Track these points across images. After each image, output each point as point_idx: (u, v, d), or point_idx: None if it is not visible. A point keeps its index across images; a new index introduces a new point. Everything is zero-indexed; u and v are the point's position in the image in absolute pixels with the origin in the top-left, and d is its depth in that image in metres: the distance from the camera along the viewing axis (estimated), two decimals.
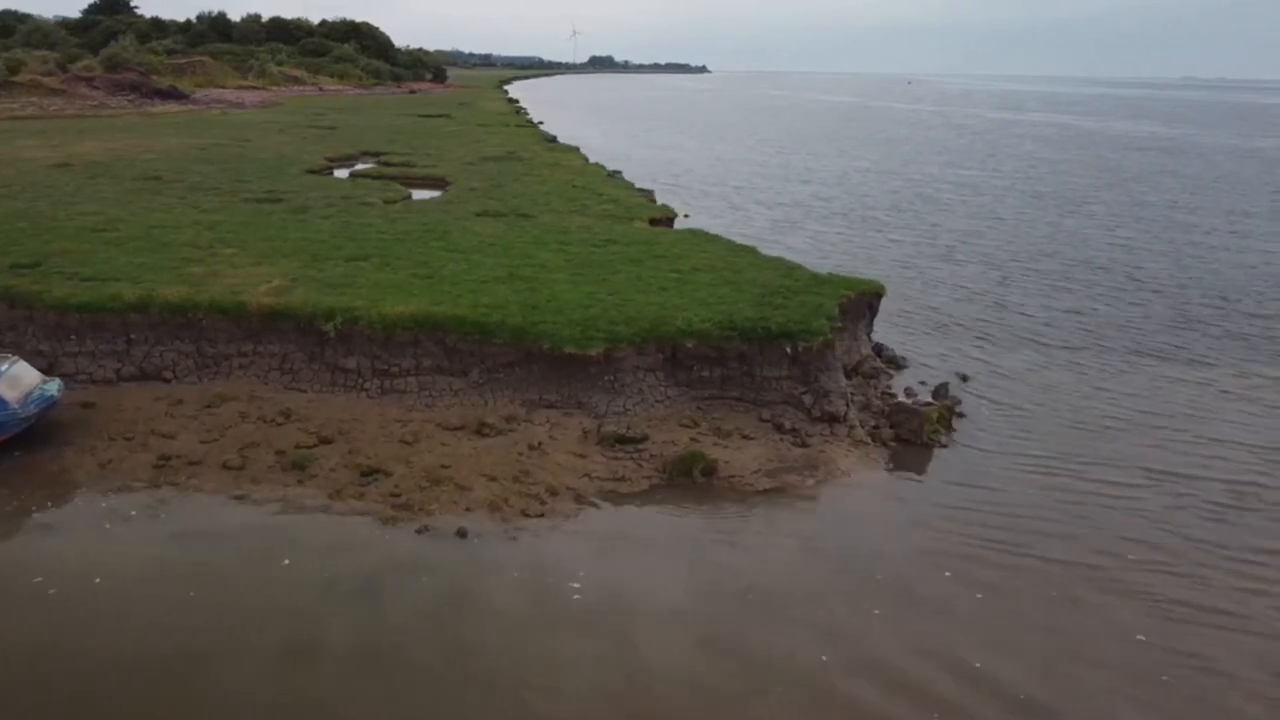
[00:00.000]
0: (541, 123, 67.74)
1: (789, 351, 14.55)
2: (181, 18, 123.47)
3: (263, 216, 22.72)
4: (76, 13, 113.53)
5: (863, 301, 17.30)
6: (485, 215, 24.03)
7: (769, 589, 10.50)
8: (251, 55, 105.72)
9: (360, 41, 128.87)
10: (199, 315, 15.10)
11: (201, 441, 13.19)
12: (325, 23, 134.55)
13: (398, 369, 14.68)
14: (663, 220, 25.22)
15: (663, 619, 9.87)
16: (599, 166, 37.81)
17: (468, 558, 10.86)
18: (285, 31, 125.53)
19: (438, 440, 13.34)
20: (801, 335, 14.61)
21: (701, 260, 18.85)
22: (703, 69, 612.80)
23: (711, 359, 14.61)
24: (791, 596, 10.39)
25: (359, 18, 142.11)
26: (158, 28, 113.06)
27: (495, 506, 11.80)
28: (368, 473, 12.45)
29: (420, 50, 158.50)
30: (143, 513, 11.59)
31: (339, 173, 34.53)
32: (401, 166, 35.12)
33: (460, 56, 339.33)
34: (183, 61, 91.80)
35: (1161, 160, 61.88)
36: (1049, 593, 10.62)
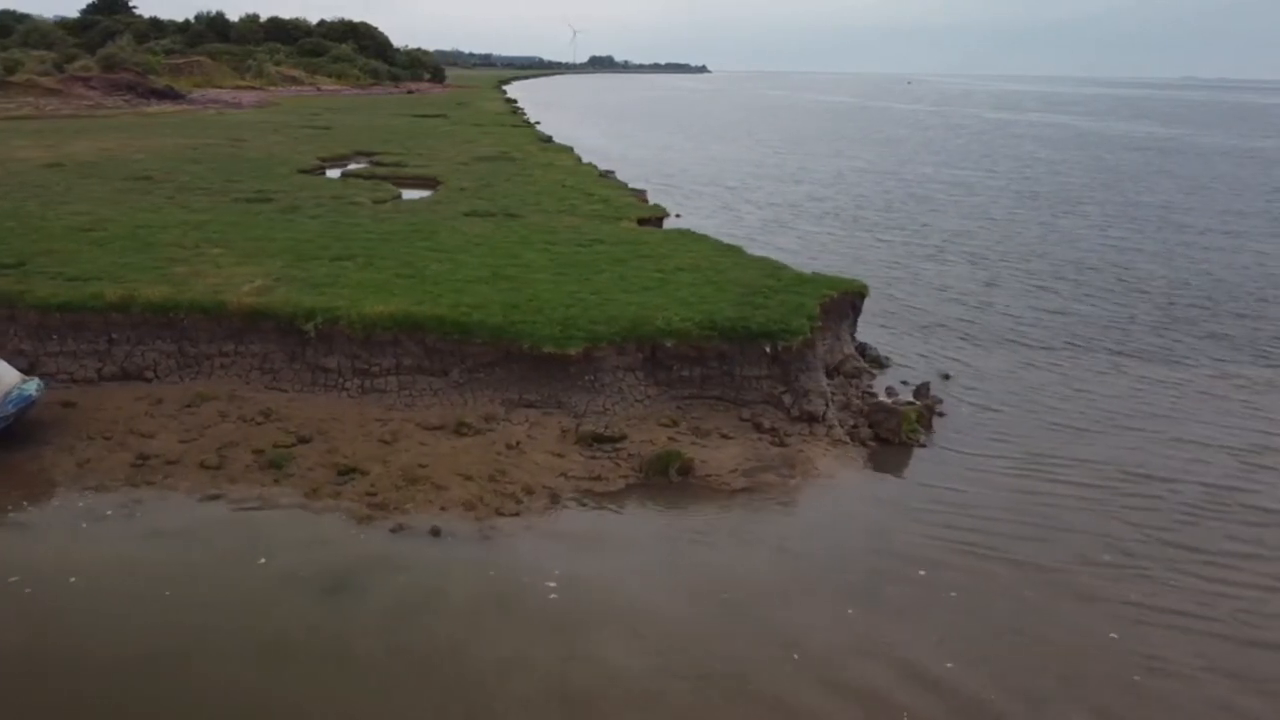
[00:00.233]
0: (538, 123, 67.79)
1: (769, 351, 14.58)
2: (180, 18, 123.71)
3: (251, 216, 22.75)
4: (75, 13, 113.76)
5: (846, 301, 17.33)
6: (474, 215, 24.06)
7: (742, 588, 10.51)
8: (249, 55, 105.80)
9: (358, 41, 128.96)
10: (180, 315, 15.13)
11: (180, 441, 13.21)
12: (323, 23, 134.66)
13: (378, 368, 14.72)
14: (651, 220, 25.26)
15: (634, 618, 9.88)
16: (591, 166, 37.84)
17: (441, 556, 10.88)
18: (283, 31, 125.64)
19: (416, 440, 13.36)
20: (781, 335, 14.64)
21: (686, 260, 18.88)
22: (703, 69, 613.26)
23: (691, 358, 14.63)
24: (764, 596, 10.40)
25: (359, 18, 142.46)
26: (156, 28, 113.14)
27: (471, 506, 11.82)
28: (345, 472, 12.47)
29: (419, 50, 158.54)
30: (119, 512, 11.61)
31: (331, 173, 34.57)
32: (393, 166, 35.17)
33: (460, 56, 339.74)
34: (180, 61, 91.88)
35: (1158, 160, 61.90)
36: (1023, 593, 10.62)
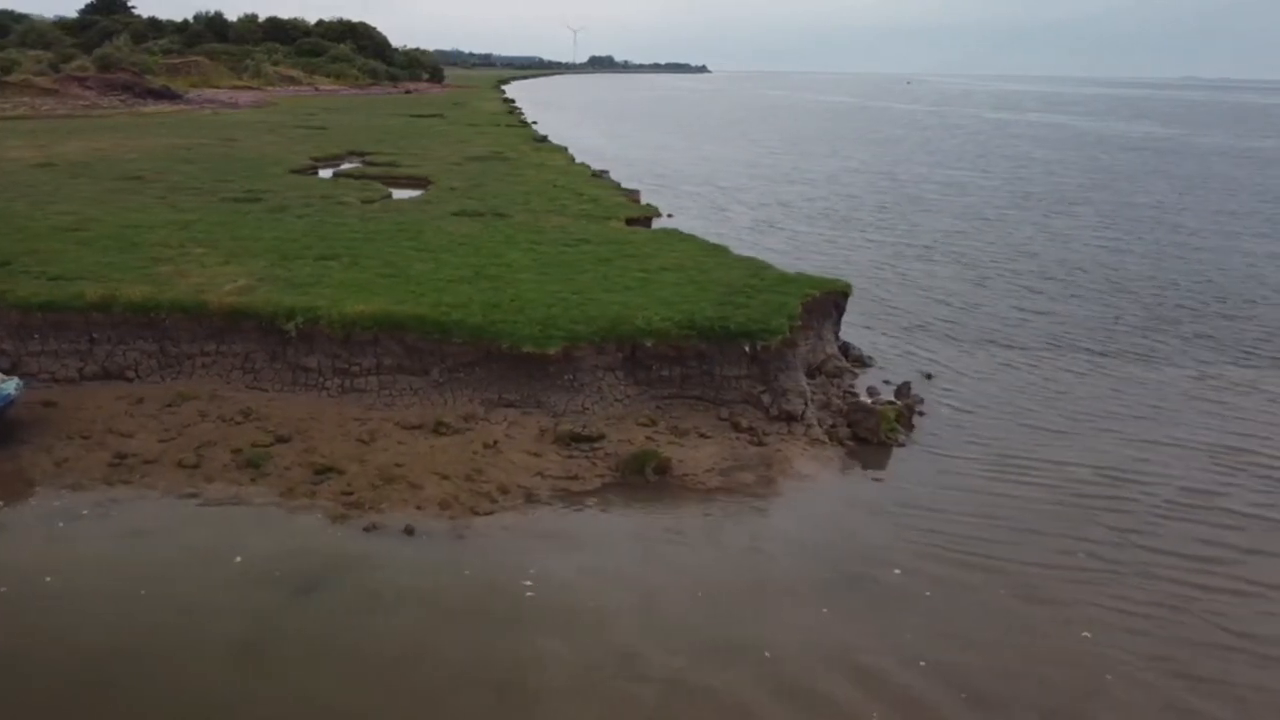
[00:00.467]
0: (535, 123, 67.85)
1: (748, 350, 14.61)
2: (179, 18, 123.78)
3: (238, 216, 22.77)
4: (74, 13, 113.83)
5: (829, 300, 17.35)
6: (462, 215, 24.10)
7: (716, 587, 10.54)
8: (247, 55, 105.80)
9: (357, 41, 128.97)
10: (161, 315, 15.15)
11: (159, 440, 13.24)
12: (322, 23, 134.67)
13: (358, 368, 14.75)
14: (641, 220, 25.29)
15: (606, 617, 9.91)
16: (584, 166, 37.87)
17: (415, 555, 10.91)
18: (282, 31, 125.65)
19: (394, 439, 13.39)
20: (761, 334, 14.66)
21: (671, 260, 18.90)
22: (703, 69, 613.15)
23: (671, 358, 14.66)
24: (738, 594, 10.43)
25: (358, 18, 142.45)
26: (154, 28, 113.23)
27: (446, 505, 11.85)
28: (321, 471, 12.50)
29: (417, 50, 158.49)
30: (95, 511, 11.63)
31: (324, 173, 34.60)
32: (385, 166, 35.20)
33: (460, 57, 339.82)
34: (177, 61, 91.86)
35: (1155, 161, 61.91)
36: (997, 591, 10.66)
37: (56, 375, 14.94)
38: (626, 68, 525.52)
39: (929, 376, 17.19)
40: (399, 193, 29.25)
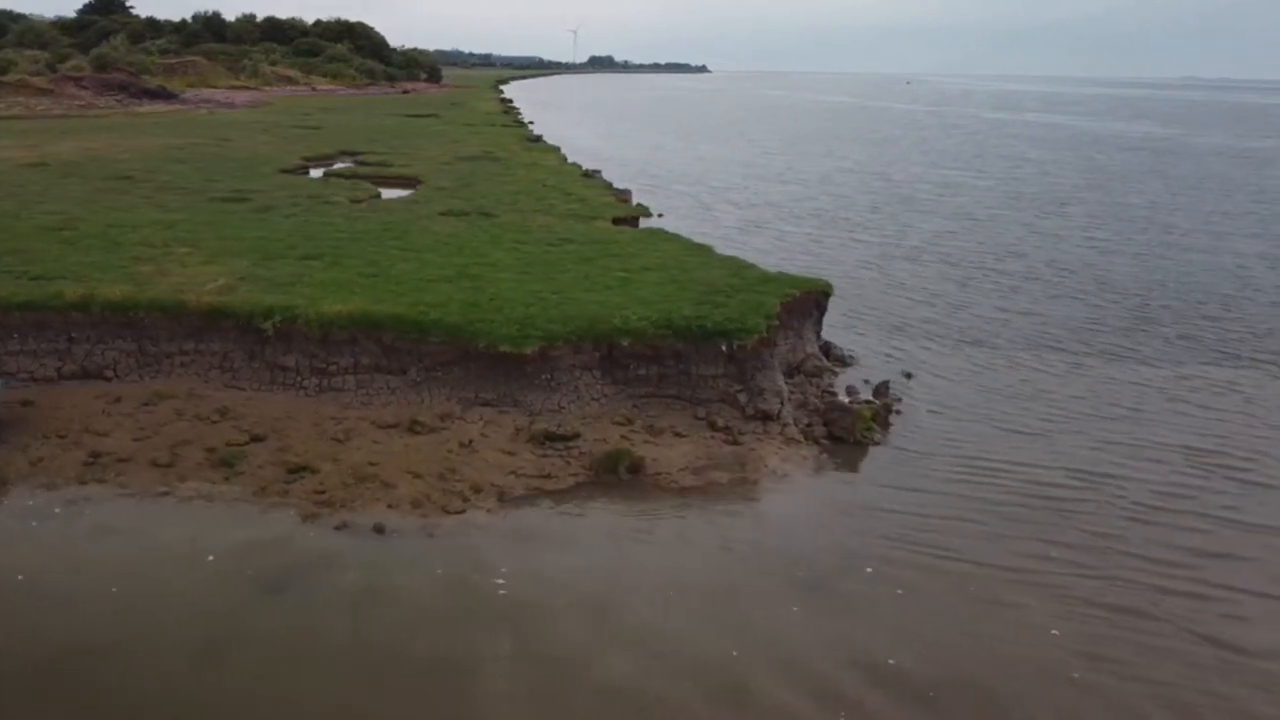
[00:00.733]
0: (532, 123, 67.88)
1: (725, 350, 14.63)
2: (177, 18, 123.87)
3: (224, 216, 22.81)
4: (72, 13, 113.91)
5: (809, 300, 17.37)
6: (449, 214, 24.13)
7: (687, 586, 10.55)
8: (245, 55, 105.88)
9: (354, 41, 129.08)
10: (140, 314, 15.18)
11: (134, 439, 13.27)
12: (320, 23, 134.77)
13: (336, 367, 14.77)
14: (628, 220, 25.33)
15: (577, 615, 9.93)
16: (575, 166, 37.90)
17: (385, 553, 10.94)
18: (280, 31, 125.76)
19: (370, 438, 13.41)
20: (738, 333, 14.69)
21: (653, 259, 18.93)
22: (703, 69, 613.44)
23: (648, 357, 14.68)
24: (709, 593, 10.44)
25: (357, 18, 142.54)
26: (152, 28, 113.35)
27: (418, 503, 11.87)
28: (295, 470, 12.52)
29: (415, 50, 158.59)
30: (67, 510, 11.66)
31: (315, 172, 34.64)
32: (377, 166, 35.25)
33: (460, 57, 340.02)
34: (174, 61, 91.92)
35: (1151, 161, 61.90)
36: (967, 591, 10.67)
37: (35, 375, 14.97)
38: (626, 68, 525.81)
39: (909, 376, 17.21)
40: (388, 192, 29.29)
